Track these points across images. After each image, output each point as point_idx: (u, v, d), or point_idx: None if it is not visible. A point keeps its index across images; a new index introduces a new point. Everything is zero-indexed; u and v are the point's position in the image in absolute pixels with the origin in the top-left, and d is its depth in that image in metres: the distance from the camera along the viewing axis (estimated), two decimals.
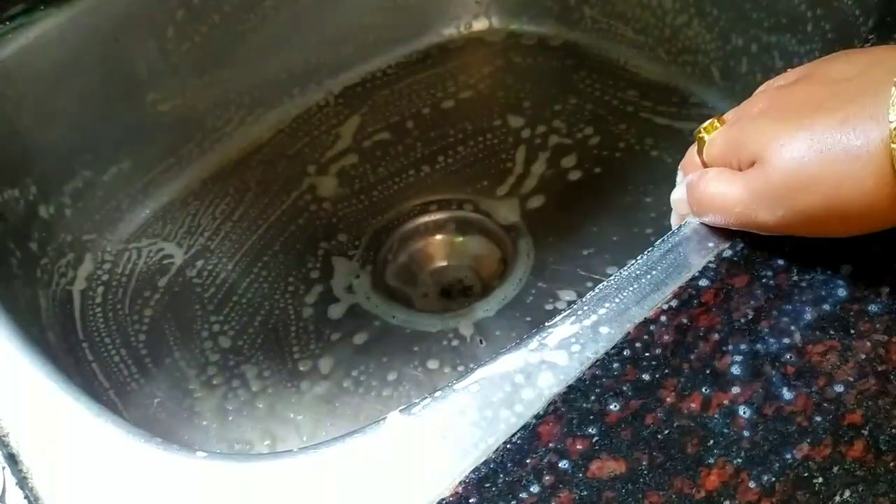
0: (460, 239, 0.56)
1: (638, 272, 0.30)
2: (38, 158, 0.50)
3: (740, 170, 0.30)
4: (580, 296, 0.49)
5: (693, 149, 0.33)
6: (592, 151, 0.58)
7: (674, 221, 0.34)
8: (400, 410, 0.27)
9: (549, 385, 0.27)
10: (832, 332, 0.28)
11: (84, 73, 0.51)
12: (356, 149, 0.60)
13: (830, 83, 0.28)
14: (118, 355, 0.49)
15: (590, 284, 0.50)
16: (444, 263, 0.56)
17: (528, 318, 0.50)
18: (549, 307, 0.50)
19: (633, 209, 0.54)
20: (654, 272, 0.30)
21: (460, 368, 0.48)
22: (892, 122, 0.25)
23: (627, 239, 0.53)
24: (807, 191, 0.27)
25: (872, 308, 0.28)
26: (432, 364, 0.48)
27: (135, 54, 0.52)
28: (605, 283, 0.30)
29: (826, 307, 0.28)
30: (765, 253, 0.30)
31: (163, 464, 0.28)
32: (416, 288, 0.55)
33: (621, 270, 0.30)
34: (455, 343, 0.49)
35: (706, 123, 0.32)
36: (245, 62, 0.58)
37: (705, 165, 0.32)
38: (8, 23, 0.48)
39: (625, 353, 0.28)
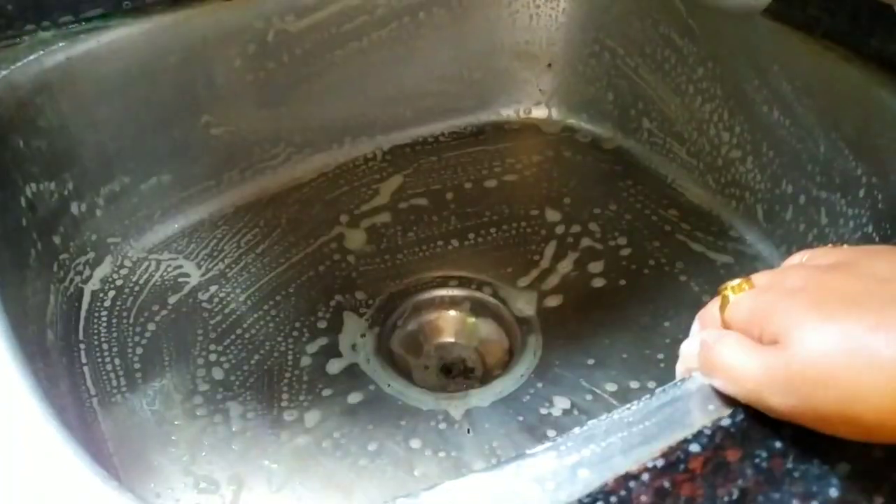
0: (472, 320, 0.56)
1: (630, 419, 0.29)
2: (82, 157, 0.51)
3: (760, 341, 0.29)
4: (575, 406, 0.49)
5: (715, 303, 0.33)
6: (621, 262, 0.58)
7: (679, 371, 0.33)
8: None
9: None
10: None
11: (146, 84, 0.52)
12: (391, 208, 0.61)
13: (872, 280, 0.27)
14: (111, 363, 0.49)
15: (589, 397, 0.50)
16: (451, 340, 0.56)
17: (521, 418, 0.49)
18: (543, 411, 0.49)
19: (649, 329, 0.53)
20: (646, 423, 0.29)
21: (441, 454, 0.47)
22: None
23: (636, 359, 0.52)
24: (824, 388, 0.26)
25: None
26: (415, 443, 0.48)
27: (198, 77, 0.54)
28: (594, 421, 0.29)
29: None
30: (765, 431, 0.29)
31: None
32: (419, 359, 0.54)
33: (614, 412, 0.30)
34: (443, 426, 0.49)
35: (734, 283, 0.32)
36: (304, 103, 0.59)
37: (724, 324, 0.32)
38: (83, 23, 0.49)
39: None
